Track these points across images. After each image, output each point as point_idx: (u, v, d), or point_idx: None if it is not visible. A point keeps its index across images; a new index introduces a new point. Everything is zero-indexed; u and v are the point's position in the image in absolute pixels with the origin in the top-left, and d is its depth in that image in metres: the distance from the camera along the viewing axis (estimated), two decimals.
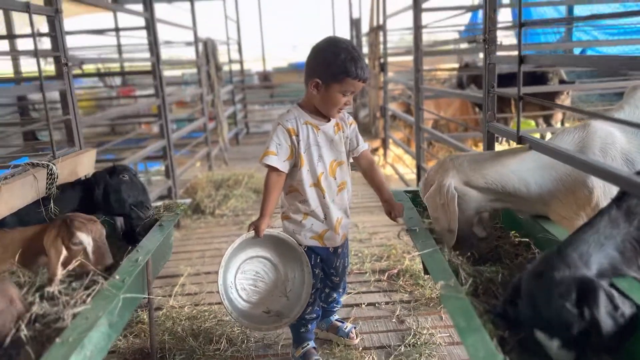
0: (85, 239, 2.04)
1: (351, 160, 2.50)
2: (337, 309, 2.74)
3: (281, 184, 2.30)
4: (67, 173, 2.63)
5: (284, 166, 2.25)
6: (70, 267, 1.93)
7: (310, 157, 2.29)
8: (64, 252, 2.01)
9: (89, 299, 1.74)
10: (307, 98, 2.31)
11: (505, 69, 5.87)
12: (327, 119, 2.33)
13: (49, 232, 2.05)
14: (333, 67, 2.14)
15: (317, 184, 2.32)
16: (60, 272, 1.97)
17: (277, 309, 2.36)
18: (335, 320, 2.73)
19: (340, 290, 2.66)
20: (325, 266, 2.47)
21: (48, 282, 1.93)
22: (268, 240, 2.36)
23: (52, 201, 2.33)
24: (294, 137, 2.25)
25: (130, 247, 2.25)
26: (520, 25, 2.26)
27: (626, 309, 1.43)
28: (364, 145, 2.49)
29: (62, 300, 1.74)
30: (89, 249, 2.05)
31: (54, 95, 4.59)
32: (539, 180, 2.18)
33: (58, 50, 2.82)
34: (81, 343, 1.56)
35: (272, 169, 2.25)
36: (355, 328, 2.71)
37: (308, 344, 2.52)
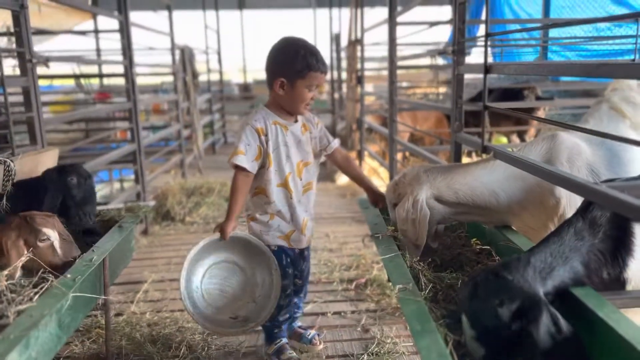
0: (52, 233, 2.01)
1: (323, 159, 2.54)
2: (299, 314, 2.71)
3: (249, 185, 2.29)
4: (28, 171, 2.56)
5: (252, 166, 2.25)
6: (19, 263, 1.86)
7: (279, 157, 2.30)
8: (25, 252, 1.95)
9: (36, 296, 1.68)
10: (273, 99, 2.34)
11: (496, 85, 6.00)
12: (295, 118, 2.36)
13: (8, 234, 1.98)
14: (296, 63, 2.20)
15: (284, 184, 2.33)
16: (19, 274, 1.90)
17: (244, 315, 2.32)
18: (298, 327, 2.69)
19: (302, 295, 2.65)
20: (294, 269, 2.46)
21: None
22: (236, 243, 2.32)
23: (4, 198, 2.25)
24: (262, 137, 2.26)
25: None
26: (486, 35, 2.28)
27: (568, 332, 1.42)
28: (335, 142, 2.53)
29: (8, 297, 1.67)
30: (57, 243, 2.02)
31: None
32: (508, 191, 2.19)
33: (22, 46, 2.76)
34: (25, 342, 1.50)
35: (240, 169, 2.24)
36: (318, 335, 2.68)
37: (281, 340, 2.52)
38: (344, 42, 8.95)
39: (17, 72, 2.99)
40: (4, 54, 2.57)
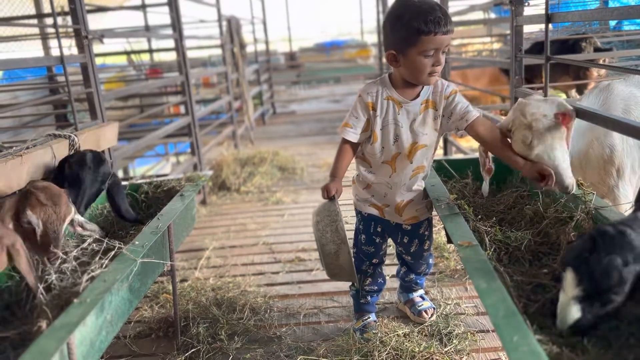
0: (35, 220, 1.80)
1: (461, 133, 2.18)
2: (416, 288, 2.61)
3: (353, 152, 2.22)
4: (90, 145, 2.65)
5: (358, 138, 2.16)
6: None
7: (387, 136, 2.14)
8: (10, 227, 1.78)
9: (107, 262, 1.76)
10: (394, 70, 2.11)
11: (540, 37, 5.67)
12: (416, 94, 2.12)
13: (9, 201, 1.84)
14: (401, 31, 1.91)
15: (390, 163, 2.19)
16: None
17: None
18: (416, 296, 2.61)
19: (421, 271, 2.51)
20: (392, 239, 2.42)
21: None
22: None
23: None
24: (371, 112, 2.12)
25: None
26: None
27: None
28: (472, 113, 2.09)
29: (75, 264, 1.76)
30: (38, 231, 1.81)
31: None
32: (576, 147, 2.15)
33: (78, 24, 2.84)
34: (100, 305, 1.57)
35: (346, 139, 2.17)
36: (433, 308, 2.57)
37: (369, 317, 2.48)
38: (390, 1, 8.73)
39: (72, 52, 3.08)
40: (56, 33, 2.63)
